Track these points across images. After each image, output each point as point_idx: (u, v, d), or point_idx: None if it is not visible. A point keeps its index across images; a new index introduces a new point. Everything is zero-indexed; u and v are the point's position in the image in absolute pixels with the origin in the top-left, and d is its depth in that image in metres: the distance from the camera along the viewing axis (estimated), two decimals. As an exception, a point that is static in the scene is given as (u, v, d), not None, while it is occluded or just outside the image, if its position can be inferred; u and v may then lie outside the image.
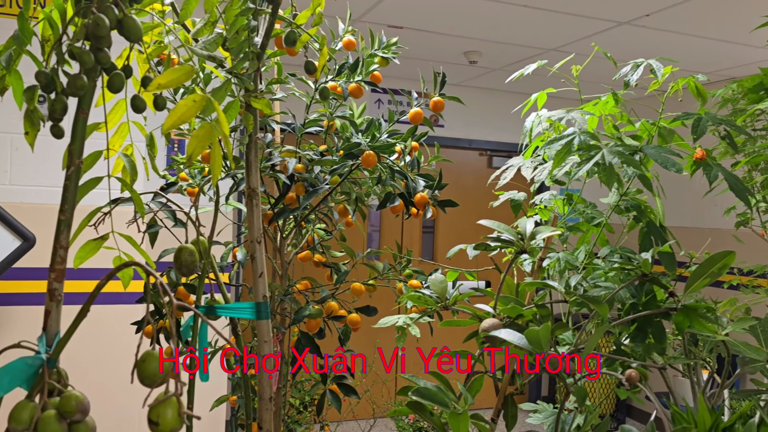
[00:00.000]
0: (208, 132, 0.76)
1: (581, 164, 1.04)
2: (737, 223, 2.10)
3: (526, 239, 0.97)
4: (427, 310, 1.40)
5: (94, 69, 0.84)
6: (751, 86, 1.86)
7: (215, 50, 1.05)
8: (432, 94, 1.56)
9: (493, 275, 4.74)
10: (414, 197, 1.48)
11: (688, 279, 1.01)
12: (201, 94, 0.77)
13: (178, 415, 0.63)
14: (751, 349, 1.17)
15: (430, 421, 0.96)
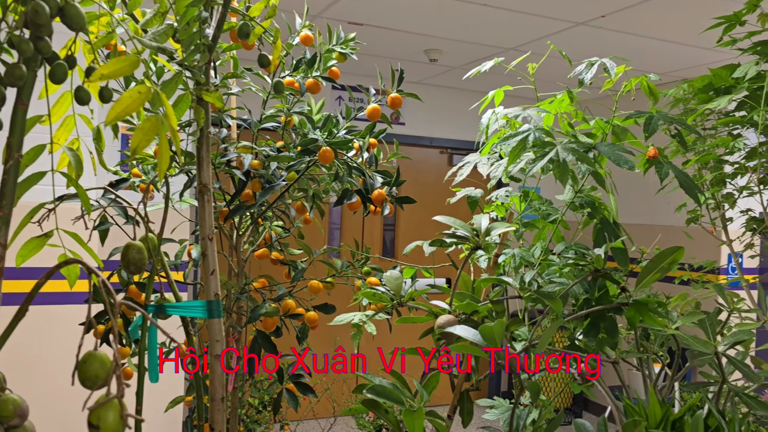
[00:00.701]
0: (155, 125, 0.74)
1: (536, 161, 1.05)
2: (688, 220, 2.16)
3: (481, 235, 0.97)
4: (385, 307, 1.40)
5: (34, 58, 0.80)
6: (701, 86, 1.91)
7: (165, 42, 1.02)
8: (390, 90, 1.55)
9: (452, 272, 4.77)
10: (372, 194, 1.47)
11: (639, 274, 1.03)
12: (147, 85, 0.74)
13: (120, 418, 0.60)
14: (699, 343, 1.20)
15: (385, 419, 0.96)
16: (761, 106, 1.76)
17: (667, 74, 4.63)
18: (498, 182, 1.47)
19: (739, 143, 1.78)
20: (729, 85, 1.88)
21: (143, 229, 1.14)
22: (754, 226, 2.11)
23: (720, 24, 1.88)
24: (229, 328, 1.70)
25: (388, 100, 1.54)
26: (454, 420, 1.18)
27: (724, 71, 1.88)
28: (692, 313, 1.28)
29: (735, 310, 1.44)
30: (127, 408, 0.63)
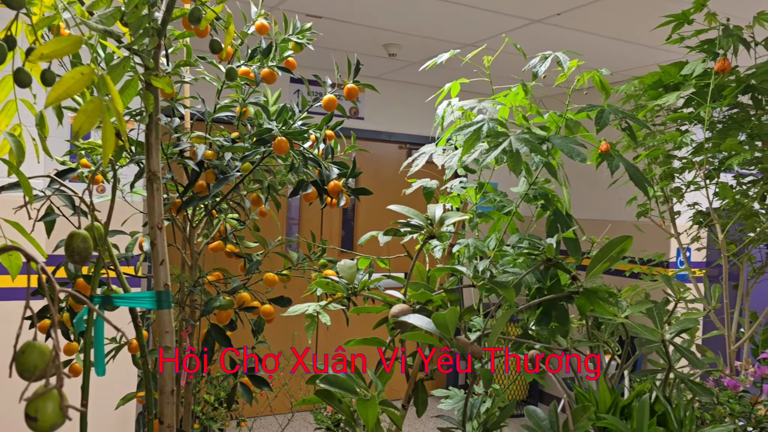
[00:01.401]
0: (98, 107, 0.71)
1: (489, 151, 1.06)
2: (638, 214, 2.21)
3: (435, 224, 0.97)
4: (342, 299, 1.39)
5: (-30, 37, 0.77)
6: (651, 83, 1.96)
7: (113, 25, 0.99)
8: (346, 81, 1.54)
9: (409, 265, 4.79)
10: (328, 185, 1.46)
11: (590, 263, 1.05)
12: (90, 66, 0.72)
13: (60, 410, 0.58)
14: (647, 331, 1.23)
15: (339, 409, 0.95)
16: (707, 103, 1.82)
17: (619, 73, 4.74)
18: (455, 174, 1.48)
19: (686, 138, 1.84)
20: (677, 82, 1.94)
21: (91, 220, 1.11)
22: (701, 219, 2.18)
23: (669, 22, 1.94)
24: (182, 321, 1.67)
25: (345, 91, 1.53)
26: (410, 411, 1.18)
27: (672, 68, 1.93)
28: (641, 302, 1.31)
29: (681, 300, 1.48)
30: (67, 399, 0.61)
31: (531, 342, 1.09)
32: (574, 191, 5.60)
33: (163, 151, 1.63)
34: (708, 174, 2.06)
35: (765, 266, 2.20)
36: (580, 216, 5.71)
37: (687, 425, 1.20)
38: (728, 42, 1.80)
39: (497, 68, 4.06)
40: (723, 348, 2.03)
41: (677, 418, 1.21)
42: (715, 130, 1.98)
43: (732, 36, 1.77)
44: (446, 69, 4.74)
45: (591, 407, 0.89)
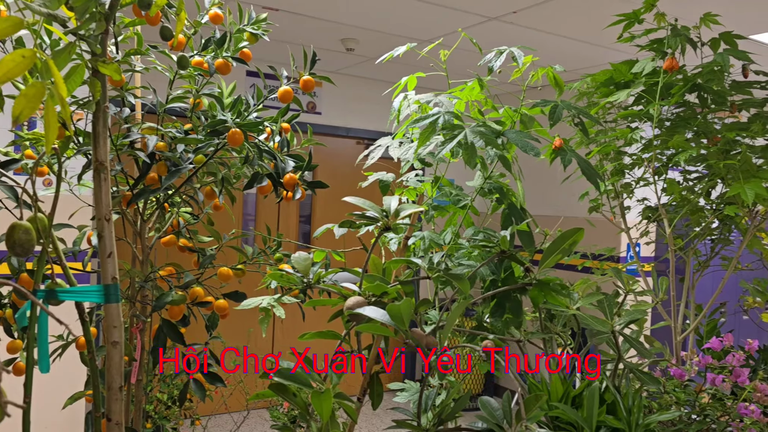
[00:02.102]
0: (39, 91, 0.68)
1: (445, 143, 1.06)
2: (590, 209, 2.26)
3: (390, 216, 0.97)
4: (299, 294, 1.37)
5: None
6: (603, 80, 2.00)
7: (57, 9, 0.95)
8: (302, 73, 1.53)
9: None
10: (283, 178, 1.44)
11: (542, 255, 1.06)
12: (32, 49, 0.69)
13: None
14: (597, 322, 1.26)
15: (293, 403, 0.94)
16: (656, 101, 1.87)
17: (575, 71, 4.83)
18: (411, 167, 1.48)
19: (636, 135, 1.88)
20: (628, 79, 1.98)
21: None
22: (650, 214, 2.25)
23: (620, 21, 1.98)
24: (133, 317, 1.63)
25: (301, 82, 1.51)
26: (369, 405, 1.18)
27: (623, 66, 1.98)
28: (592, 294, 1.34)
29: (630, 292, 1.52)
30: (6, 395, 0.58)
31: (484, 333, 1.10)
32: (530, 187, 5.70)
33: (112, 142, 1.58)
34: (656, 170, 2.12)
35: (710, 260, 2.28)
36: (534, 212, 5.79)
37: (635, 413, 1.23)
38: (676, 41, 1.85)
39: (454, 64, 4.09)
40: (670, 339, 2.10)
41: (626, 407, 1.24)
42: (664, 127, 2.04)
43: (680, 36, 1.83)
44: (404, 65, 4.75)
45: (543, 396, 0.90)
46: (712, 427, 1.68)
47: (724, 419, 1.69)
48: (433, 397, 1.15)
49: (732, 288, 2.99)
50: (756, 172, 1.83)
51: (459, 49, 4.04)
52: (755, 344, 1.69)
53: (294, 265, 0.96)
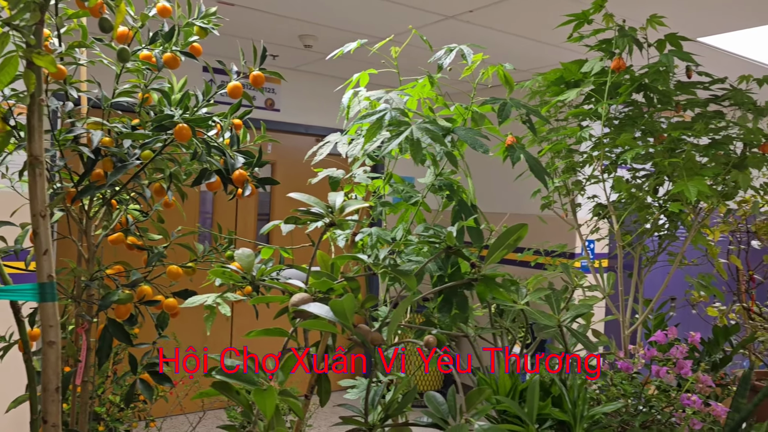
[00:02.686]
0: (-38, 82, 0.66)
1: (391, 139, 1.06)
2: (542, 206, 2.30)
3: (336, 212, 0.97)
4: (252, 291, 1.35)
5: None
6: (553, 79, 2.04)
7: (-11, -3, 0.92)
8: (252, 69, 1.51)
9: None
10: (232, 174, 1.42)
11: (488, 251, 1.07)
12: (-46, 38, 0.66)
13: None
14: (544, 317, 1.28)
15: (236, 401, 0.93)
16: (604, 100, 1.91)
17: (531, 71, 4.90)
18: (373, 166, 1.48)
19: (585, 133, 1.92)
20: (578, 79, 2.02)
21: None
22: (600, 211, 2.29)
23: (570, 21, 2.02)
24: (78, 317, 1.58)
25: (250, 78, 1.50)
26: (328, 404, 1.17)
27: (573, 66, 2.01)
28: (539, 289, 1.36)
29: (578, 287, 1.55)
30: None
31: (429, 328, 1.11)
32: (486, 185, 5.77)
33: (55, 137, 1.54)
34: (605, 168, 2.17)
35: (657, 255, 2.34)
36: (489, 209, 5.90)
37: (580, 405, 1.26)
38: (623, 42, 1.89)
39: (412, 62, 4.10)
40: (620, 332, 2.14)
41: (571, 399, 1.26)
42: (613, 126, 2.08)
43: (627, 36, 1.87)
44: (362, 62, 4.74)
45: (486, 390, 0.91)
46: (657, 417, 1.73)
47: (668, 410, 1.74)
48: (380, 392, 1.15)
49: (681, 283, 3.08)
50: (699, 170, 1.89)
51: (417, 47, 4.06)
52: (697, 337, 1.75)
53: (237, 261, 0.95)
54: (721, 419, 1.62)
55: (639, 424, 1.72)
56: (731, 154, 2.02)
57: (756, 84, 2.05)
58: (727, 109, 2.07)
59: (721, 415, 1.60)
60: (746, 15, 3.51)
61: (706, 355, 2.35)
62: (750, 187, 2.03)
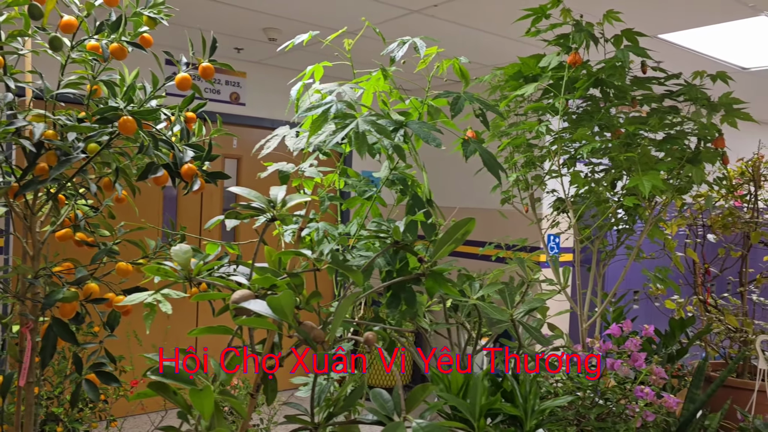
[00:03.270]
0: None
1: (336, 132, 1.04)
2: (502, 200, 2.30)
3: (277, 207, 0.94)
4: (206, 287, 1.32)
5: None
6: (512, 74, 2.03)
7: None
8: (200, 60, 1.47)
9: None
10: (181, 168, 1.38)
11: (435, 245, 1.06)
12: None
13: None
14: (496, 311, 1.27)
15: (174, 402, 0.90)
16: (561, 95, 1.91)
17: (496, 65, 4.92)
18: (345, 160, 1.46)
19: (542, 128, 1.92)
20: (536, 73, 2.02)
21: None
22: (559, 206, 2.31)
23: (528, 16, 2.02)
24: (22, 316, 1.53)
25: (199, 69, 1.46)
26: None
27: (531, 60, 2.01)
28: (492, 284, 1.36)
29: (533, 281, 1.55)
30: None
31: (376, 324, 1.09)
32: (448, 180, 5.78)
33: (-5, 130, 1.48)
34: (565, 162, 2.18)
35: (615, 249, 2.36)
36: (452, 204, 5.95)
37: (531, 399, 1.25)
38: (580, 37, 1.90)
39: (373, 55, 4.08)
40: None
41: (522, 394, 1.26)
42: (572, 121, 2.09)
43: (583, 31, 1.88)
44: (327, 57, 4.70)
45: (430, 387, 0.90)
46: (612, 410, 1.75)
47: (623, 402, 1.76)
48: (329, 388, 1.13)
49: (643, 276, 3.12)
50: (654, 164, 1.91)
51: (376, 39, 4.03)
52: (651, 329, 1.77)
53: (174, 257, 0.92)
54: (673, 410, 1.64)
55: (594, 416, 1.74)
56: (686, 149, 2.04)
57: (710, 80, 2.08)
58: (684, 104, 2.09)
59: (673, 406, 1.62)
60: (707, 12, 3.56)
61: (662, 347, 2.38)
62: (704, 181, 2.06)
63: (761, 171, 2.57)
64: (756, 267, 2.77)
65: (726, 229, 2.48)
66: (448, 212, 6.07)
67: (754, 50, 4.40)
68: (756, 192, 2.50)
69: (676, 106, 2.06)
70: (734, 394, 2.35)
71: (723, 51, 4.44)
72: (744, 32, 3.96)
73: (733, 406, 2.19)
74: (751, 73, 4.91)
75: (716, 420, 2.03)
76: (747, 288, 2.55)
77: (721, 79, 2.04)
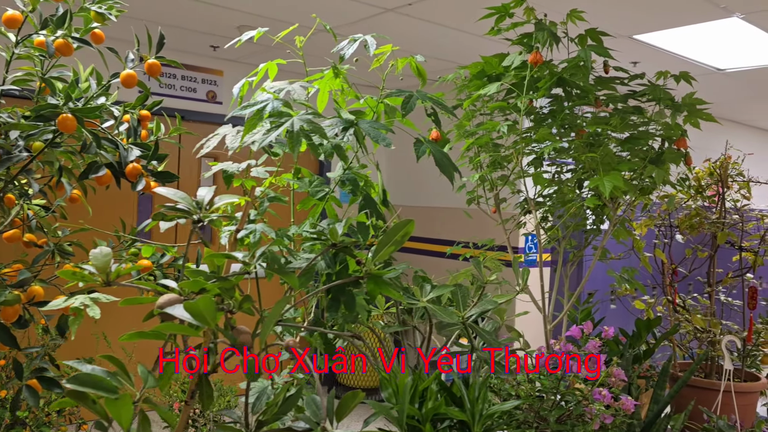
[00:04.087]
0: None
1: (270, 130, 1.01)
2: (468, 200, 2.28)
3: (203, 208, 0.91)
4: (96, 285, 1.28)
5: None
6: (475, 73, 2.01)
7: None
8: (146, 56, 1.44)
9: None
10: (126, 168, 1.35)
11: (375, 247, 1.04)
12: None
13: None
14: (446, 314, 1.25)
15: (94, 411, 0.87)
16: (523, 94, 1.89)
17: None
18: (320, 164, 1.43)
19: (504, 127, 1.90)
20: (499, 72, 2.00)
21: None
22: (525, 206, 2.29)
23: (492, 14, 2.00)
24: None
25: (145, 66, 1.42)
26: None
27: (494, 59, 1.99)
28: (444, 285, 1.33)
29: (488, 282, 1.53)
30: None
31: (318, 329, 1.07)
32: (423, 179, 5.77)
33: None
34: (531, 162, 2.16)
35: (583, 249, 2.35)
36: (422, 204, 5.96)
37: (480, 404, 1.23)
38: (543, 36, 1.88)
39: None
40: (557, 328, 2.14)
41: (471, 398, 1.24)
42: (538, 120, 2.07)
43: (544, 30, 1.86)
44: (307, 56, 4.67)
45: (359, 394, 0.87)
46: (571, 412, 1.73)
47: (585, 403, 1.74)
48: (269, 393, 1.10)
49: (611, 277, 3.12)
50: (617, 164, 1.89)
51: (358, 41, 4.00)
52: (611, 331, 1.75)
53: (92, 260, 0.89)
54: (630, 413, 1.63)
55: (554, 419, 1.72)
56: (650, 149, 2.03)
57: (675, 80, 2.07)
58: (650, 104, 2.08)
59: (631, 409, 1.61)
60: (679, 13, 3.57)
61: (629, 348, 2.37)
62: (667, 182, 2.05)
63: (729, 171, 2.57)
64: (726, 267, 2.77)
65: (693, 230, 2.48)
66: (423, 211, 6.07)
67: (729, 51, 4.43)
68: (723, 192, 2.50)
69: (640, 106, 2.05)
70: (701, 395, 2.35)
71: (699, 52, 4.46)
72: (719, 34, 3.98)
73: (698, 407, 2.18)
74: (726, 74, 4.94)
75: (680, 421, 2.02)
76: (714, 288, 2.55)
77: (684, 79, 2.03)
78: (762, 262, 2.44)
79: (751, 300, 2.41)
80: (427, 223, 5.94)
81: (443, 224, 5.80)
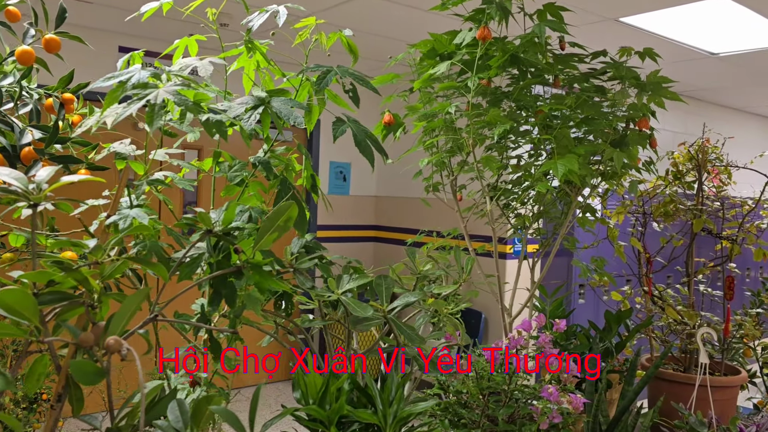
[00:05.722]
0: None
1: (131, 104, 0.91)
2: (426, 188, 2.17)
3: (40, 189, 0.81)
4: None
5: None
6: (426, 51, 1.90)
7: None
8: (42, 32, 1.33)
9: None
10: (20, 152, 1.25)
11: (257, 235, 0.93)
12: None
13: None
14: (360, 308, 1.15)
15: None
16: (473, 73, 1.78)
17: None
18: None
19: (452, 108, 1.79)
20: (450, 50, 1.89)
21: None
22: (486, 193, 2.17)
23: (439, -14, 1.88)
24: None
25: (43, 41, 1.32)
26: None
27: (444, 37, 1.88)
28: (360, 276, 1.23)
29: (421, 273, 1.42)
30: None
31: (203, 325, 0.97)
32: (409, 170, 5.66)
33: None
34: (490, 146, 2.05)
35: (550, 239, 2.23)
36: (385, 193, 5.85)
37: (395, 405, 1.13)
38: (494, 11, 1.76)
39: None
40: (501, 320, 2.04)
41: (385, 399, 1.13)
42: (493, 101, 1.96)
43: (494, 3, 1.74)
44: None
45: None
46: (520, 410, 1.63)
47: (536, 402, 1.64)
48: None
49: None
50: (573, 147, 1.77)
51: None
52: (562, 324, 1.64)
53: None
54: (579, 411, 1.52)
55: (504, 417, 1.62)
56: (616, 131, 1.91)
57: (640, 58, 1.94)
58: (614, 84, 1.96)
59: (579, 407, 1.50)
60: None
61: (599, 341, 2.26)
62: (632, 166, 1.93)
63: (709, 156, 2.44)
64: (709, 257, 2.64)
65: (668, 218, 2.35)
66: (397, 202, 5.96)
67: (723, 35, 4.27)
68: (701, 178, 2.38)
69: (603, 86, 1.93)
70: (678, 389, 2.23)
71: (690, 36, 4.31)
72: (710, 16, 3.83)
73: (671, 402, 2.07)
74: (720, 58, 4.78)
75: (649, 417, 1.91)
76: (693, 278, 2.42)
77: (649, 56, 1.90)
78: (739, 251, 2.31)
79: (728, 290, 2.29)
80: (416, 214, 5.83)
81: (427, 214, 5.71)
